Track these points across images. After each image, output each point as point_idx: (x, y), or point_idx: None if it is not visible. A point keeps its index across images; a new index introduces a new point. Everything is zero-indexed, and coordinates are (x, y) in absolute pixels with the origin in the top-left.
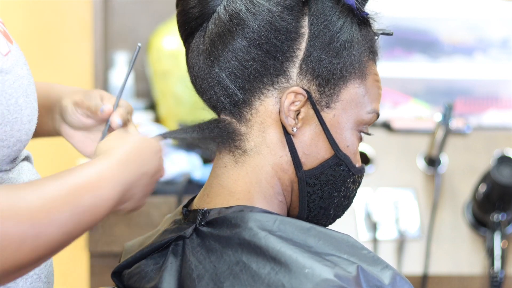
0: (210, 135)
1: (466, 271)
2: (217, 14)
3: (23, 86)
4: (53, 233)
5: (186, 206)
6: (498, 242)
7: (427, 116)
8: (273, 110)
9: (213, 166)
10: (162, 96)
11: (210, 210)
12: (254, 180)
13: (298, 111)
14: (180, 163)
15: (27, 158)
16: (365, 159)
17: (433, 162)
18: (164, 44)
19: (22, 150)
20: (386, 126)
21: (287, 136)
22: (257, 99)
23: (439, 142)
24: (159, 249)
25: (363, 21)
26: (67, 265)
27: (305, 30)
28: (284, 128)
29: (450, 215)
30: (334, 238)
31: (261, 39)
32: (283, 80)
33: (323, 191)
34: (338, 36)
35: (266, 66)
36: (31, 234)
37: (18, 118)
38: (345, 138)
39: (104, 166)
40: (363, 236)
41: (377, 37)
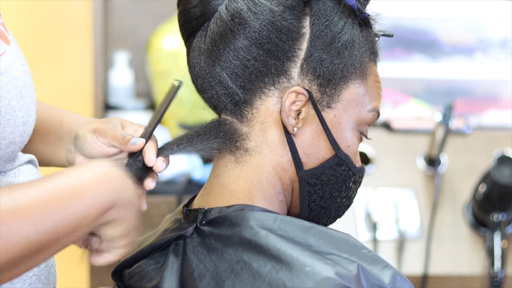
0: (211, 136)
1: (466, 271)
2: (218, 14)
3: (18, 87)
4: (29, 232)
5: (186, 206)
6: (498, 242)
7: (427, 116)
8: (274, 109)
9: (213, 166)
10: (162, 96)
11: (210, 209)
12: (255, 179)
13: (299, 111)
14: (180, 163)
15: (31, 162)
16: (365, 159)
17: (433, 162)
18: (164, 44)
19: (17, 152)
20: (386, 126)
21: (288, 136)
22: (258, 99)
23: (439, 142)
24: (160, 248)
25: (364, 22)
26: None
27: (306, 30)
28: (285, 127)
29: (450, 215)
30: (334, 237)
31: (262, 39)
32: (284, 80)
33: (324, 191)
34: (339, 36)
35: (267, 66)
36: (3, 233)
37: (11, 120)
38: (345, 138)
39: (92, 176)
40: (363, 236)
41: (377, 38)
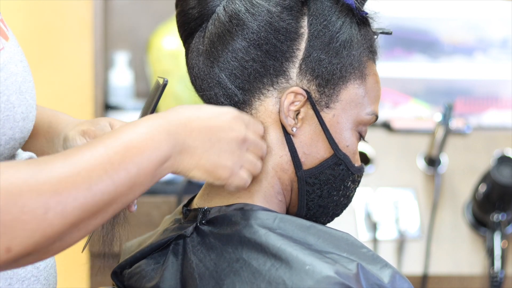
0: None
1: (466, 271)
2: (216, 15)
3: (17, 83)
4: (86, 197)
5: (186, 206)
6: (498, 242)
7: (427, 116)
8: (273, 110)
9: None
10: (162, 96)
11: (210, 209)
12: (254, 180)
13: (298, 111)
14: None
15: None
16: (365, 159)
17: (433, 162)
18: (164, 44)
19: (18, 149)
20: (386, 126)
21: (287, 136)
22: (257, 99)
23: (439, 142)
24: (160, 248)
25: (363, 20)
26: (67, 265)
27: (304, 30)
28: (284, 128)
29: (450, 215)
30: (333, 237)
31: (260, 40)
32: (283, 80)
33: (323, 190)
34: (337, 36)
35: (266, 67)
36: (56, 201)
37: (10, 116)
38: (344, 138)
39: (150, 128)
40: (363, 236)
41: (376, 36)
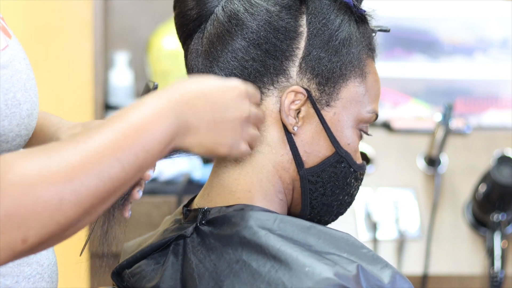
0: None
1: (466, 271)
2: (215, 15)
3: (22, 80)
4: (98, 183)
5: (186, 206)
6: (498, 242)
7: (427, 116)
8: (273, 109)
9: (213, 166)
10: None
11: (210, 209)
12: (255, 179)
13: (299, 110)
14: (180, 163)
15: None
16: (365, 159)
17: (433, 162)
18: (164, 44)
19: (22, 147)
20: (386, 126)
21: (288, 135)
22: None
23: (439, 142)
24: (160, 248)
25: (361, 18)
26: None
27: (303, 29)
28: (285, 127)
29: (450, 215)
30: (334, 237)
31: (260, 39)
32: (283, 79)
33: (326, 188)
34: (336, 34)
35: (266, 66)
36: (69, 191)
37: (17, 113)
38: (345, 135)
39: (155, 106)
40: (363, 236)
41: (374, 34)
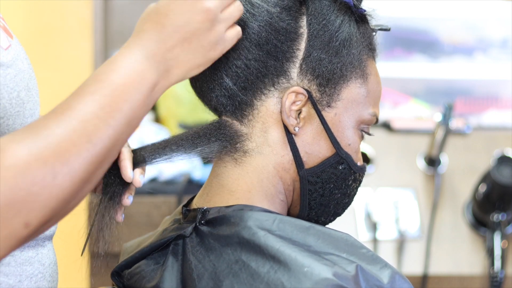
0: (211, 138)
1: (466, 271)
2: None
3: (25, 80)
4: (91, 154)
5: (185, 206)
6: (498, 242)
7: (427, 116)
8: (274, 110)
9: (213, 166)
10: (162, 96)
11: (209, 209)
12: (255, 179)
13: (300, 111)
14: (180, 163)
15: None
16: (365, 159)
17: (433, 162)
18: None
19: None
20: (386, 126)
21: (289, 135)
22: (258, 100)
23: (439, 142)
24: (159, 248)
25: (361, 18)
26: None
27: (304, 30)
28: (285, 127)
29: (450, 215)
30: (333, 237)
31: (261, 40)
32: (284, 80)
33: (324, 189)
34: (337, 35)
35: (267, 67)
36: (61, 164)
37: (21, 112)
38: (346, 136)
39: (130, 64)
40: (363, 236)
41: (374, 33)
